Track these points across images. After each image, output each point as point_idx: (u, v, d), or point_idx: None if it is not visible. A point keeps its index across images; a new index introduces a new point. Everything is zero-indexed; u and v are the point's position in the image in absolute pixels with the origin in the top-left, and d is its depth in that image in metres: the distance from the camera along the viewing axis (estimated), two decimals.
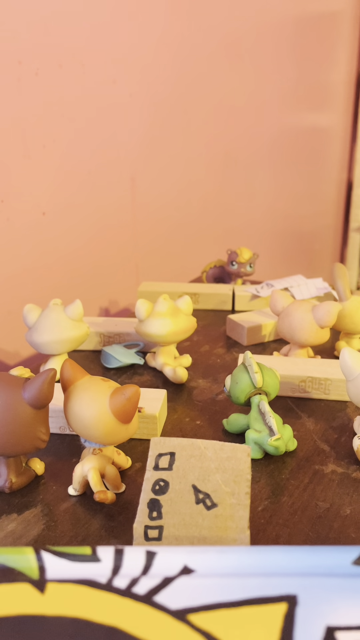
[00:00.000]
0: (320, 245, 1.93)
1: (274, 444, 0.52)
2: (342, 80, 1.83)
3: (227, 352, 0.76)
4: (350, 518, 0.46)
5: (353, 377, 0.52)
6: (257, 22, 1.34)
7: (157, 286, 0.92)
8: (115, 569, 0.29)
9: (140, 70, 1.02)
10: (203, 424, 0.59)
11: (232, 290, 0.90)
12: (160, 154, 1.12)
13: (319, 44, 1.65)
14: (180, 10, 1.09)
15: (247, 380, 0.55)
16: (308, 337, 0.67)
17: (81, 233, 0.95)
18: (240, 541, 0.37)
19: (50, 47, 0.83)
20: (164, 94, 1.09)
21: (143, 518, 0.39)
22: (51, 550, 0.29)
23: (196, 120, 1.21)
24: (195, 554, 0.29)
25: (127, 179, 1.04)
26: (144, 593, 0.28)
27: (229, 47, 1.27)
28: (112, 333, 0.76)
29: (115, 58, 0.96)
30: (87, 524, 0.45)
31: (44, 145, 0.85)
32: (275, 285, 0.87)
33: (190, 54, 1.15)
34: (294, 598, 0.28)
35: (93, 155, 0.95)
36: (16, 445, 0.46)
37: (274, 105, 1.50)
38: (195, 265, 1.13)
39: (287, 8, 1.46)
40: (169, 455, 0.42)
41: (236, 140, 1.36)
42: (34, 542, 0.43)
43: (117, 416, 0.46)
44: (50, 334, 0.63)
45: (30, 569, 0.29)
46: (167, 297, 0.67)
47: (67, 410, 0.47)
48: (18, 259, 0.84)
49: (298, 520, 0.46)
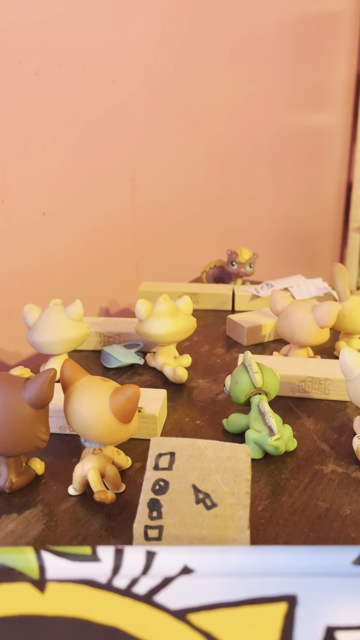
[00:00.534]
0: (320, 245, 1.93)
1: (273, 444, 0.52)
2: (342, 80, 1.83)
3: (227, 352, 0.76)
4: (350, 518, 0.46)
5: (353, 377, 0.52)
6: (257, 22, 1.34)
7: (157, 286, 0.92)
8: (115, 569, 0.29)
9: (140, 70, 1.02)
10: (203, 424, 0.59)
11: (232, 290, 0.90)
12: (161, 154, 1.12)
13: (319, 44, 1.65)
14: (181, 10, 1.09)
15: (247, 380, 0.55)
16: (308, 337, 0.67)
17: (81, 233, 0.95)
18: (240, 541, 0.37)
19: (50, 47, 0.83)
20: (164, 94, 1.09)
21: (143, 518, 0.39)
22: (51, 550, 0.29)
23: (196, 120, 1.21)
24: (195, 553, 0.29)
25: (127, 179, 1.04)
26: (144, 593, 0.28)
27: (230, 47, 1.27)
28: (112, 333, 0.76)
29: (115, 58, 0.96)
30: (87, 523, 0.45)
31: (44, 145, 0.85)
32: (275, 285, 0.87)
33: (190, 54, 1.15)
34: (294, 598, 0.28)
35: (93, 155, 0.95)
36: (16, 445, 0.46)
37: (274, 106, 1.50)
38: (195, 265, 1.13)
39: (288, 8, 1.46)
40: (169, 455, 0.42)
41: (236, 140, 1.36)
42: (34, 542, 0.43)
43: (117, 416, 0.46)
44: (50, 334, 0.63)
45: (30, 569, 0.29)
46: (167, 297, 0.67)
47: (67, 410, 0.47)
48: (18, 259, 0.84)
49: (298, 520, 0.46)
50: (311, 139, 1.73)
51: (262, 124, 1.46)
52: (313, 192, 1.80)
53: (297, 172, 1.66)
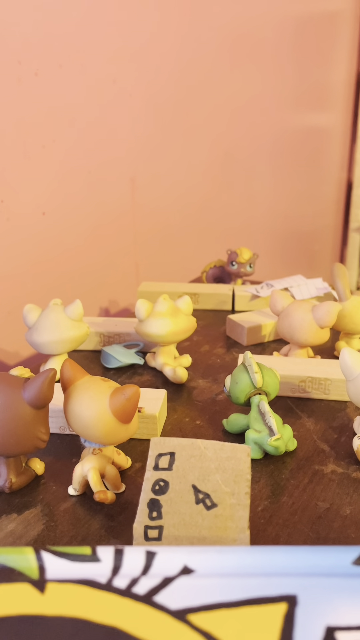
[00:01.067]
0: (320, 245, 1.93)
1: (273, 444, 0.52)
2: (342, 80, 1.83)
3: (227, 352, 0.76)
4: (350, 518, 0.46)
5: (353, 377, 0.52)
6: (257, 22, 1.34)
7: (157, 286, 0.92)
8: (115, 569, 0.29)
9: (140, 70, 1.02)
10: (203, 424, 0.59)
11: (232, 290, 0.90)
12: (160, 154, 1.12)
13: (319, 44, 1.65)
14: (181, 10, 1.09)
15: (247, 380, 0.55)
16: (308, 337, 0.67)
17: (81, 233, 0.95)
18: (240, 541, 0.37)
19: (50, 47, 0.83)
20: (164, 93, 1.09)
21: (143, 518, 0.39)
22: (51, 550, 0.29)
23: (196, 120, 1.21)
24: (195, 554, 0.29)
25: (127, 179, 1.04)
26: (144, 593, 0.28)
27: (230, 47, 1.27)
28: (112, 333, 0.76)
29: (115, 58, 0.96)
30: (87, 524, 0.45)
31: (44, 145, 0.85)
32: (275, 286, 0.87)
33: (190, 54, 1.15)
34: (293, 598, 0.28)
35: (93, 155, 0.95)
36: (16, 445, 0.46)
37: (274, 105, 1.50)
38: (195, 265, 1.13)
39: (288, 8, 1.46)
40: (168, 455, 0.42)
41: (236, 140, 1.36)
42: (34, 542, 0.43)
43: (117, 416, 0.46)
44: (50, 334, 0.63)
45: (30, 569, 0.29)
46: (167, 297, 0.67)
47: (67, 410, 0.47)
48: (18, 259, 0.84)
49: (298, 520, 0.46)
50: (311, 139, 1.72)
51: (262, 124, 1.46)
52: (313, 191, 1.80)
53: (297, 171, 1.66)
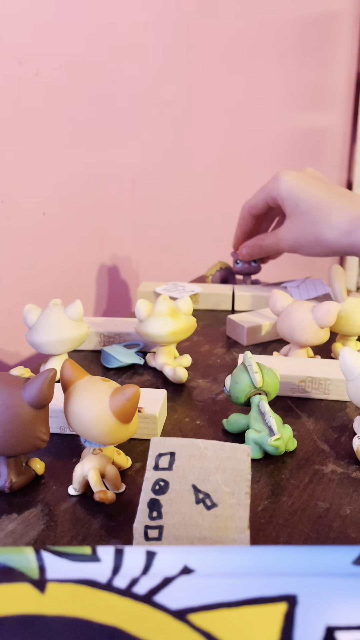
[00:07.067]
0: None
1: (274, 444, 0.52)
2: (342, 80, 1.83)
3: (227, 352, 0.76)
4: (350, 518, 0.46)
5: (353, 377, 0.52)
6: (257, 22, 1.34)
7: (157, 286, 0.92)
8: (115, 569, 0.29)
9: (140, 70, 1.02)
10: (203, 424, 0.59)
11: (232, 290, 0.90)
12: (161, 154, 1.12)
13: (319, 44, 1.65)
14: (181, 10, 1.09)
15: (247, 380, 0.55)
16: (308, 337, 0.67)
17: (81, 233, 0.95)
18: (240, 541, 0.37)
19: (50, 47, 0.83)
20: (164, 94, 1.09)
21: (143, 518, 0.39)
22: (51, 550, 0.29)
23: (196, 120, 1.21)
24: (195, 554, 0.29)
25: (127, 179, 1.04)
26: (144, 593, 0.28)
27: (230, 47, 1.27)
28: (112, 333, 0.76)
29: (115, 58, 0.96)
30: (87, 524, 0.45)
31: (44, 145, 0.85)
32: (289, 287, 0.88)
33: (190, 54, 1.15)
34: (293, 598, 0.28)
35: (93, 155, 0.95)
36: (16, 445, 0.46)
37: (274, 106, 1.50)
38: (196, 265, 1.13)
39: (287, 8, 1.46)
40: (169, 455, 0.42)
41: (236, 140, 1.36)
42: (34, 542, 0.43)
43: (117, 416, 0.46)
44: (50, 334, 0.63)
45: (30, 569, 0.29)
46: (167, 297, 0.67)
47: (67, 410, 0.47)
48: (18, 259, 0.84)
49: (298, 520, 0.46)
50: (311, 139, 1.72)
51: (262, 124, 1.46)
52: None
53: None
